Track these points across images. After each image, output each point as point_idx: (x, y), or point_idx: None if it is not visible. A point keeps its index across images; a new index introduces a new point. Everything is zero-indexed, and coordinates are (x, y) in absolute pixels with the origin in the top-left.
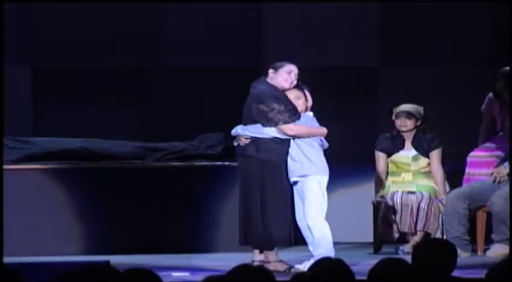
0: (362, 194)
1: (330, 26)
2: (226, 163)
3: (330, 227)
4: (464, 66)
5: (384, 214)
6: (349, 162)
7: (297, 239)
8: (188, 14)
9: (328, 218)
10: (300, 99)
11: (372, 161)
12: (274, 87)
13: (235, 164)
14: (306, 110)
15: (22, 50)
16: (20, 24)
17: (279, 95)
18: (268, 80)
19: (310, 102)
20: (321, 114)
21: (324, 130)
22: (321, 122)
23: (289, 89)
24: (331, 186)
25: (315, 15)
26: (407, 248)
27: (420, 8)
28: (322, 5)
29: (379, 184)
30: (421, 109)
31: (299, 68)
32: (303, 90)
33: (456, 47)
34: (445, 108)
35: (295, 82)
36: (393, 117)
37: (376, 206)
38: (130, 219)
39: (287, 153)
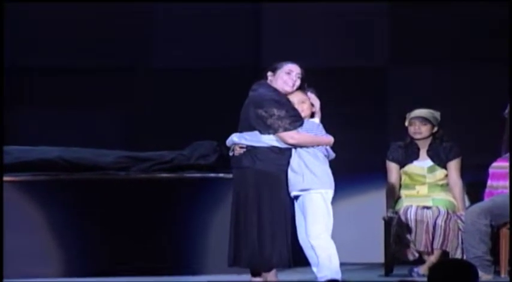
0: (372, 209)
1: (335, 25)
2: (221, 175)
3: (336, 246)
4: (483, 66)
5: (396, 231)
6: (357, 173)
7: (300, 259)
8: (182, 11)
9: (334, 236)
10: (305, 104)
11: (383, 173)
12: (275, 91)
13: (230, 175)
14: (312, 115)
15: None
16: None
17: (280, 99)
18: (269, 83)
19: (317, 108)
20: (325, 119)
21: (330, 139)
22: (325, 128)
23: (293, 92)
24: (337, 200)
25: (320, 14)
26: (423, 269)
27: (433, 5)
28: (327, 4)
29: (391, 198)
30: (437, 114)
31: (301, 68)
32: (307, 94)
33: (472, 46)
34: (464, 112)
35: (297, 83)
36: (406, 124)
37: (388, 223)
38: (113, 238)
39: (288, 164)
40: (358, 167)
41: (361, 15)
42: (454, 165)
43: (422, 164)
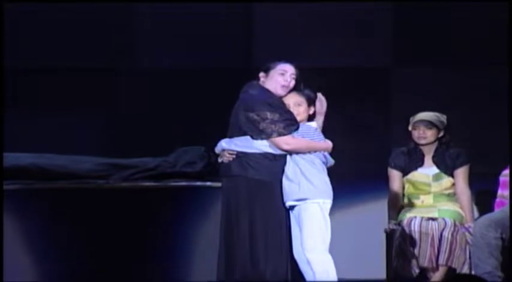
0: (373, 220)
1: (335, 24)
2: (208, 183)
3: (334, 261)
4: (490, 67)
5: (399, 245)
6: (357, 182)
7: (295, 274)
8: (170, 10)
9: (332, 249)
10: (301, 106)
11: (385, 181)
12: (268, 92)
13: (219, 184)
14: (309, 119)
15: None
16: None
17: (273, 102)
18: (261, 84)
19: (322, 109)
20: (322, 123)
21: (329, 144)
22: (323, 132)
23: (288, 93)
24: (335, 211)
25: (321, 13)
26: None
27: (437, 5)
28: (328, 4)
29: (394, 208)
30: (443, 118)
31: (298, 68)
32: (305, 96)
33: (479, 47)
34: (472, 116)
35: (292, 84)
36: (410, 128)
37: (390, 235)
38: (92, 251)
39: (282, 171)
40: (358, 174)
41: (363, 13)
42: (461, 172)
43: (427, 171)
